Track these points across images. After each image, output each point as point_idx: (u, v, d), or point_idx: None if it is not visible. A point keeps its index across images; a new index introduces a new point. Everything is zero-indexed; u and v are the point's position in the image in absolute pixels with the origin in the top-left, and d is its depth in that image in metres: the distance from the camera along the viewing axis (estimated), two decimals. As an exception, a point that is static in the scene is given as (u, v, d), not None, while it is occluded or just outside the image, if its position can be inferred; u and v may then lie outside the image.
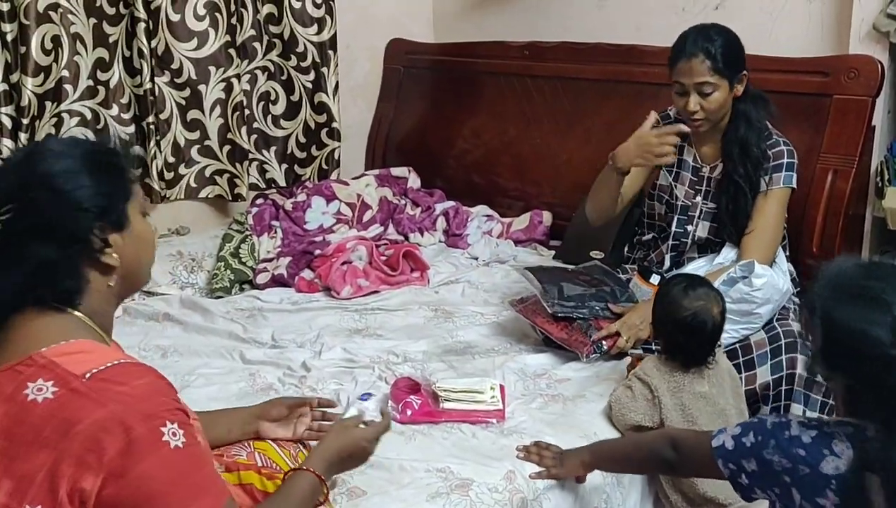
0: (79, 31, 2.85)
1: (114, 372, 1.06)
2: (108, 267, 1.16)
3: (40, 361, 1.06)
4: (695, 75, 2.13)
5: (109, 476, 1.00)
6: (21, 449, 1.02)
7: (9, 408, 1.04)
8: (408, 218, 3.26)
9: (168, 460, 1.03)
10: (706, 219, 2.31)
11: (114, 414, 1.01)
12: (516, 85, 3.34)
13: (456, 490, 1.62)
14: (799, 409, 2.03)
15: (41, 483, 1.00)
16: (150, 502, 1.02)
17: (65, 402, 1.02)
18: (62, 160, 1.14)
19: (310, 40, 3.34)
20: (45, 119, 2.80)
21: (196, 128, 3.12)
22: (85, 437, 1.00)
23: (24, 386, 1.04)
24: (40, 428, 1.01)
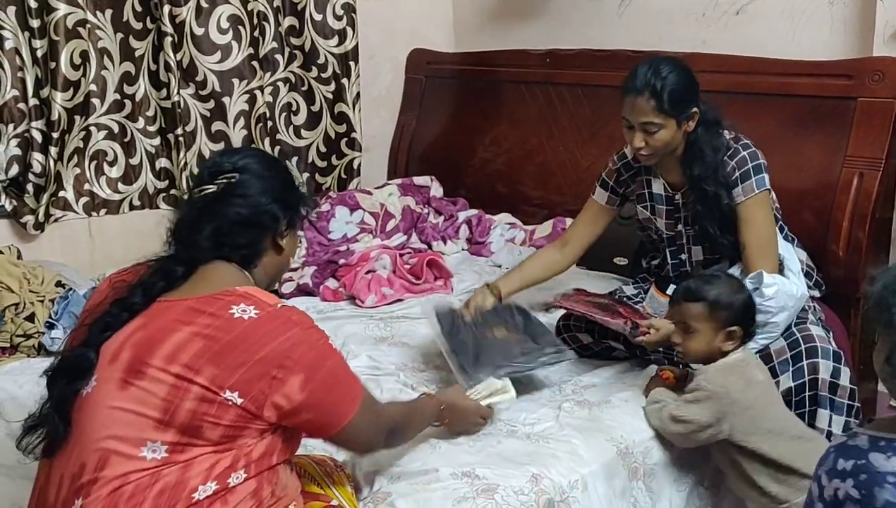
0: (106, 46, 2.90)
1: (290, 307, 1.38)
2: (279, 248, 1.50)
3: (238, 292, 1.35)
4: (639, 114, 2.07)
5: (308, 374, 1.31)
6: (226, 349, 1.28)
7: (213, 321, 1.30)
8: (431, 226, 3.28)
9: (340, 361, 1.41)
10: (696, 243, 2.28)
11: (299, 335, 1.33)
12: (538, 93, 3.35)
13: (482, 495, 1.62)
14: (825, 414, 2.00)
15: (243, 375, 1.27)
16: (333, 390, 1.37)
17: (266, 320, 1.31)
18: (269, 163, 1.52)
19: (331, 52, 3.38)
20: (73, 132, 2.85)
21: (220, 139, 3.16)
22: (284, 347, 1.30)
23: (229, 307, 1.32)
24: (247, 336, 1.29)
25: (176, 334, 1.29)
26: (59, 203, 2.91)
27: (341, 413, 1.39)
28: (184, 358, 1.27)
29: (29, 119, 2.74)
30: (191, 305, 1.33)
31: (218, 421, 1.27)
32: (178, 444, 1.26)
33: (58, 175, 2.85)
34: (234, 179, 1.43)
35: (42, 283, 2.51)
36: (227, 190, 1.43)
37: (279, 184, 1.49)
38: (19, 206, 2.80)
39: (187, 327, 1.30)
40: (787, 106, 2.56)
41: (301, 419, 1.35)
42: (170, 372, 1.27)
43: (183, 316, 1.32)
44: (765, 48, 2.66)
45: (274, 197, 1.46)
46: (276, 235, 1.48)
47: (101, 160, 2.99)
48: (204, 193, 1.44)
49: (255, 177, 1.45)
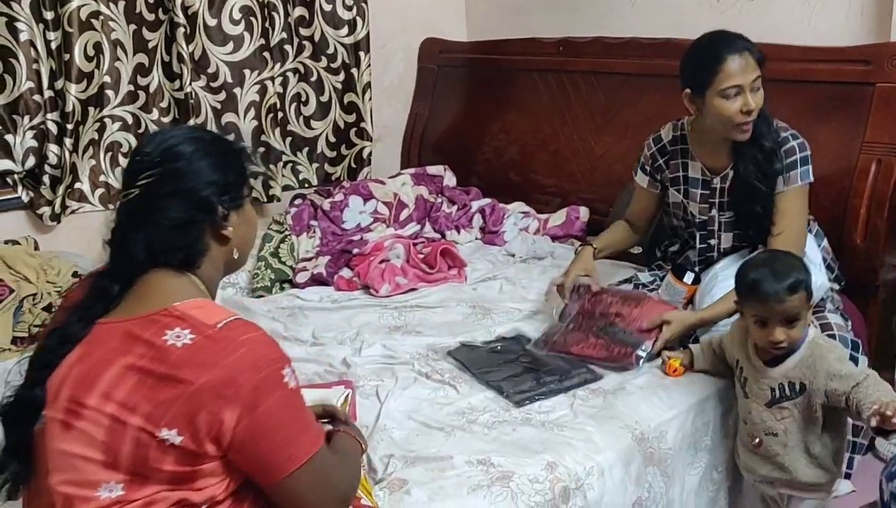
0: (119, 38, 2.91)
1: (238, 323, 1.22)
2: (224, 239, 1.35)
3: (175, 313, 1.22)
4: (750, 71, 2.04)
5: (244, 409, 1.16)
6: (160, 383, 1.16)
7: (147, 350, 1.19)
8: (444, 215, 3.27)
9: (287, 397, 1.21)
10: (727, 230, 2.27)
11: (245, 358, 1.18)
12: (551, 81, 3.33)
13: (497, 482, 1.62)
14: (842, 403, 1.99)
15: (179, 410, 1.15)
16: (272, 433, 1.19)
17: (203, 346, 1.18)
18: (194, 143, 1.34)
19: (340, 42, 3.37)
20: (88, 124, 2.86)
21: (231, 131, 3.17)
22: (223, 376, 1.16)
23: (163, 333, 1.19)
24: (180, 367, 1.16)
25: (111, 368, 1.19)
26: (76, 194, 2.92)
27: (278, 463, 1.20)
28: (119, 395, 1.17)
29: (44, 111, 2.76)
30: (128, 329, 1.22)
31: (160, 465, 1.17)
32: (132, 482, 1.18)
33: (73, 166, 2.87)
34: (155, 177, 1.29)
35: (59, 274, 2.53)
36: (152, 189, 1.29)
37: (212, 164, 1.32)
38: (36, 198, 2.82)
39: (123, 358, 1.19)
40: (804, 92, 2.53)
41: (234, 460, 1.20)
42: (105, 412, 1.17)
43: (120, 344, 1.21)
44: (780, 34, 2.64)
45: (206, 182, 1.31)
46: (215, 227, 1.33)
47: (115, 151, 3.00)
48: (128, 198, 1.31)
49: (181, 166, 1.30)
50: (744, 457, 1.93)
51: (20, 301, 2.41)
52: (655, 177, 2.39)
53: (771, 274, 1.74)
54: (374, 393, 2.02)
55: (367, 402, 1.98)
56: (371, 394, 2.02)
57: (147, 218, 1.28)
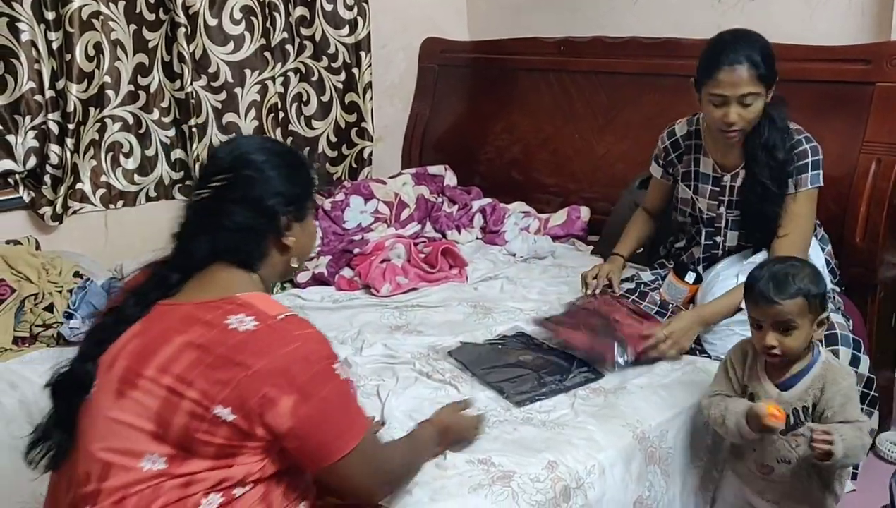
0: (119, 38, 2.91)
1: (295, 318, 1.30)
2: (284, 247, 1.41)
3: (239, 301, 1.29)
4: (739, 86, 2.02)
5: (300, 398, 1.23)
6: (218, 362, 1.22)
7: (207, 331, 1.25)
8: (445, 215, 3.28)
9: (340, 388, 1.29)
10: (733, 228, 2.28)
11: (299, 351, 1.25)
12: (552, 80, 3.34)
13: (498, 482, 1.62)
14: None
15: (233, 391, 1.21)
16: (327, 420, 1.26)
17: (264, 334, 1.24)
18: (266, 153, 1.40)
19: (341, 41, 3.38)
20: (89, 124, 2.87)
21: (232, 130, 3.17)
22: (279, 365, 1.22)
23: (226, 317, 1.26)
24: (240, 350, 1.23)
25: (169, 344, 1.25)
26: (77, 195, 2.92)
27: (332, 448, 1.28)
28: (176, 370, 1.23)
29: (45, 111, 2.76)
30: (189, 311, 1.29)
31: (210, 438, 1.22)
32: (176, 457, 1.23)
33: (74, 166, 2.87)
34: (226, 182, 1.36)
35: (60, 274, 2.53)
36: (221, 193, 1.36)
37: (280, 176, 1.39)
38: (37, 198, 2.82)
39: (181, 336, 1.25)
40: (804, 91, 2.54)
41: (288, 446, 1.26)
42: (162, 384, 1.23)
43: (179, 323, 1.27)
44: (781, 33, 2.63)
45: (274, 192, 1.37)
46: (277, 236, 1.40)
47: (116, 151, 3.00)
48: (198, 198, 1.38)
49: (251, 174, 1.37)
50: (748, 483, 1.84)
51: (21, 301, 2.42)
52: (668, 170, 2.42)
53: (770, 277, 1.69)
54: (376, 392, 2.02)
55: (369, 402, 1.98)
56: (372, 394, 2.02)
57: (213, 219, 1.35)
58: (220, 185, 1.36)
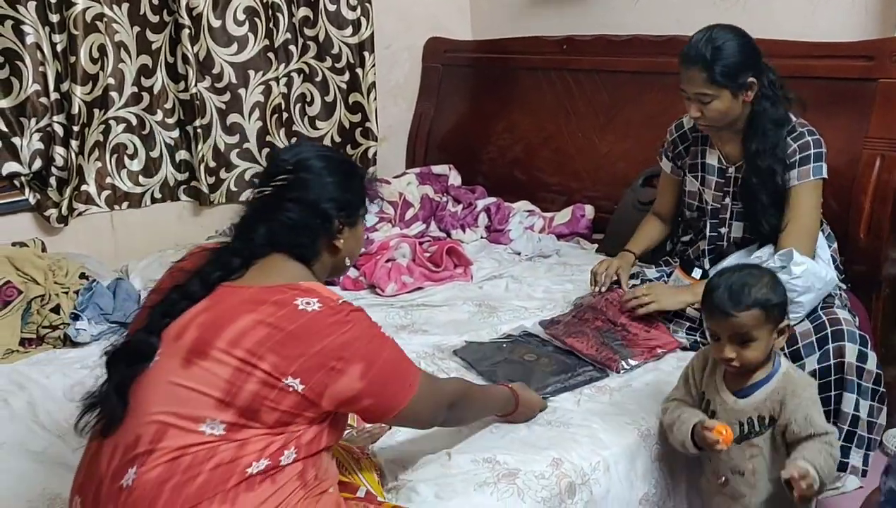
0: (123, 40, 2.92)
1: (349, 304, 1.41)
2: (334, 249, 1.52)
3: (303, 287, 1.39)
4: (692, 85, 2.12)
5: (367, 362, 1.36)
6: (289, 339, 1.32)
7: (277, 309, 1.34)
8: (450, 215, 3.28)
9: (394, 348, 1.45)
10: (738, 219, 2.30)
11: (357, 327, 1.37)
12: (555, 79, 3.34)
13: (503, 480, 1.63)
14: (851, 398, 1.99)
15: (303, 365, 1.31)
16: (393, 375, 1.42)
17: (328, 313, 1.36)
18: (325, 160, 1.51)
19: (345, 42, 3.38)
20: (93, 126, 2.88)
21: (236, 131, 3.18)
22: (342, 341, 1.34)
23: (294, 299, 1.36)
24: (308, 327, 1.33)
25: (240, 320, 1.33)
26: (82, 197, 2.93)
27: (401, 397, 1.44)
28: (247, 344, 1.31)
29: (51, 113, 2.77)
30: (255, 293, 1.37)
31: (277, 405, 1.31)
32: (236, 425, 1.30)
33: (80, 168, 2.88)
34: (286, 182, 1.46)
35: (66, 275, 2.54)
36: (281, 192, 1.47)
37: (336, 183, 1.49)
38: (43, 200, 2.83)
39: (251, 314, 1.34)
40: (807, 88, 2.53)
41: (362, 405, 1.40)
42: (234, 355, 1.31)
43: (247, 303, 1.36)
44: (782, 30, 2.64)
45: (328, 197, 1.48)
46: (329, 237, 1.50)
47: (121, 153, 3.01)
48: (261, 194, 1.49)
49: (310, 177, 1.47)
50: (707, 499, 1.81)
51: (28, 302, 2.43)
52: (677, 163, 2.43)
53: (726, 288, 1.63)
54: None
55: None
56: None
57: (272, 214, 1.46)
58: (280, 184, 1.47)
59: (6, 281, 2.43)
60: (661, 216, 2.55)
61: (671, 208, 2.52)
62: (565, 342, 2.19)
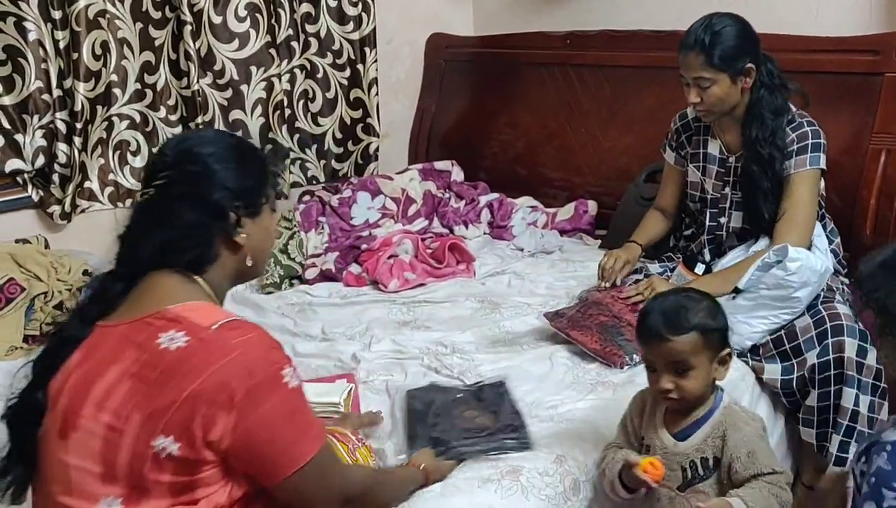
0: (126, 36, 2.92)
1: (234, 324, 1.20)
2: (236, 246, 1.32)
3: (169, 315, 1.19)
4: (690, 69, 2.14)
5: (240, 414, 1.13)
6: (153, 389, 1.14)
7: (140, 354, 1.17)
8: (452, 211, 3.28)
9: (287, 399, 1.18)
10: (737, 209, 2.30)
11: (239, 361, 1.15)
12: (558, 75, 3.33)
13: (507, 476, 1.62)
14: (851, 393, 1.98)
15: (173, 417, 1.13)
16: (271, 435, 1.16)
17: (196, 349, 1.15)
18: (214, 145, 1.32)
19: (346, 38, 3.38)
20: (96, 123, 2.88)
21: (238, 128, 3.18)
22: (216, 380, 1.13)
23: (157, 336, 1.17)
24: (173, 372, 1.14)
25: (107, 374, 1.17)
26: (85, 193, 2.93)
27: (279, 464, 1.18)
28: (113, 404, 1.15)
29: (53, 110, 2.77)
30: (122, 333, 1.20)
31: (158, 476, 1.14)
32: (131, 496, 1.15)
33: (83, 165, 2.88)
34: (168, 179, 1.28)
35: (69, 272, 2.55)
36: (164, 191, 1.28)
37: (228, 169, 1.30)
38: (46, 197, 2.83)
39: (115, 366, 1.17)
40: (812, 83, 2.52)
41: (234, 465, 1.18)
42: (100, 422, 1.15)
43: (113, 349, 1.19)
44: (787, 24, 2.63)
45: (220, 187, 1.28)
46: (227, 234, 1.30)
47: (124, 150, 3.01)
48: (143, 198, 1.31)
49: (195, 169, 1.28)
50: None
51: (31, 299, 2.43)
52: (680, 152, 2.43)
53: (661, 312, 1.51)
54: (384, 388, 2.03)
55: (377, 397, 1.99)
56: (381, 389, 2.03)
57: (158, 220, 1.27)
58: (163, 183, 1.28)
59: (9, 278, 2.43)
60: (664, 210, 2.54)
61: (674, 201, 2.52)
62: (570, 334, 2.19)
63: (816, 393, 2.01)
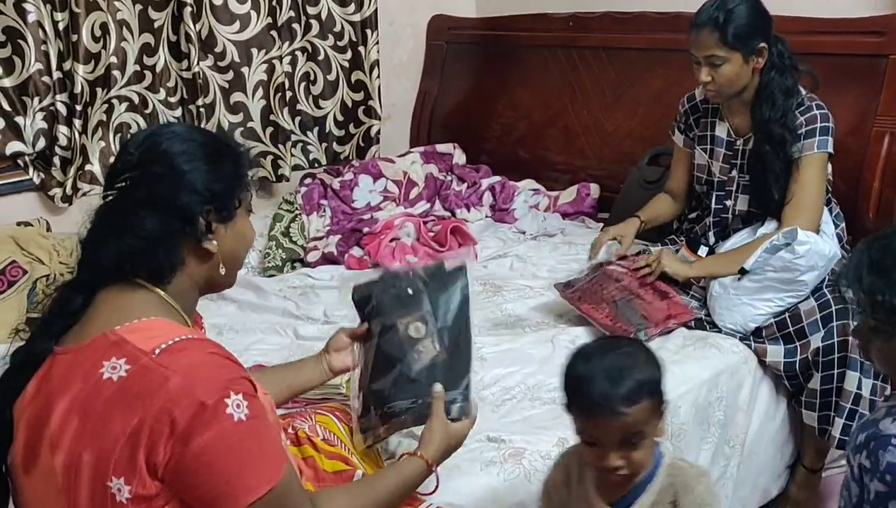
0: (125, 18, 2.90)
1: (181, 346, 1.09)
2: (205, 254, 1.20)
3: (112, 338, 1.09)
4: (703, 47, 2.11)
5: (177, 444, 1.03)
6: (98, 425, 1.06)
7: (84, 386, 1.08)
8: (454, 194, 3.27)
9: (228, 433, 1.05)
10: (744, 192, 2.29)
11: (181, 386, 1.04)
12: (561, 57, 3.31)
13: (509, 459, 1.63)
14: (855, 376, 1.99)
15: (120, 455, 1.04)
16: (209, 470, 1.05)
17: (136, 378, 1.06)
18: (184, 143, 1.19)
19: (347, 19, 3.35)
20: (96, 105, 2.86)
21: (239, 110, 3.16)
22: (157, 409, 1.03)
23: (100, 365, 1.08)
24: (115, 404, 1.05)
25: (56, 410, 1.09)
26: (86, 176, 2.92)
27: (222, 501, 1.05)
28: (65, 443, 1.07)
29: (53, 92, 2.75)
30: (70, 361, 1.11)
31: None
32: None
33: (83, 148, 2.87)
34: (132, 181, 1.17)
35: (71, 255, 2.54)
36: (127, 193, 1.17)
37: (198, 170, 1.17)
38: (47, 179, 2.82)
39: (62, 401, 1.08)
40: (816, 64, 2.48)
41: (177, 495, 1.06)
42: (57, 461, 1.08)
43: (62, 381, 1.10)
44: (791, 6, 2.61)
45: (188, 190, 1.16)
46: (195, 241, 1.18)
47: (124, 133, 2.99)
48: (105, 200, 1.20)
49: (161, 171, 1.16)
50: None
51: (34, 282, 2.43)
52: (688, 134, 2.42)
53: (604, 378, 1.24)
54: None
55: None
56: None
57: (119, 226, 1.16)
58: (126, 185, 1.17)
59: (11, 260, 2.43)
60: (673, 193, 2.53)
61: (684, 184, 2.50)
62: (580, 308, 2.19)
63: (819, 376, 2.01)
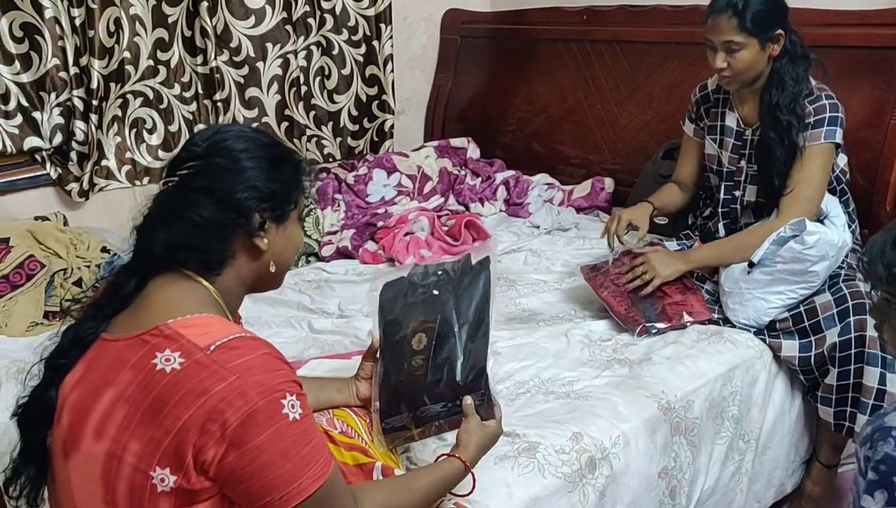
0: (138, 13, 2.91)
1: (235, 344, 1.10)
2: (256, 251, 1.23)
3: (166, 332, 1.11)
4: (721, 33, 2.10)
5: (230, 446, 1.05)
6: (148, 416, 1.08)
7: (135, 376, 1.10)
8: (468, 188, 3.27)
9: (284, 432, 1.07)
10: (752, 182, 2.28)
11: (235, 386, 1.06)
12: (575, 50, 3.30)
13: (524, 454, 1.63)
14: (876, 372, 1.96)
15: (167, 448, 1.06)
16: (263, 471, 1.07)
17: (190, 373, 1.07)
18: (249, 142, 1.23)
19: (362, 14, 3.36)
20: (111, 100, 2.88)
21: (254, 105, 3.17)
22: (209, 408, 1.05)
23: (153, 356, 1.09)
24: (167, 398, 1.07)
25: (103, 397, 1.11)
26: (103, 172, 2.94)
27: (275, 501, 1.08)
28: (111, 431, 1.10)
29: (70, 87, 2.77)
30: (119, 351, 1.13)
31: (157, 506, 1.08)
32: None
33: (99, 143, 2.89)
34: (194, 170, 1.20)
35: (88, 249, 2.56)
36: (188, 182, 1.20)
37: (258, 169, 1.21)
38: (64, 174, 2.85)
39: (111, 390, 1.11)
40: (833, 57, 2.48)
41: (229, 494, 1.10)
42: (100, 448, 1.10)
43: (111, 369, 1.13)
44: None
45: (247, 186, 1.20)
46: (248, 235, 1.21)
47: (140, 128, 3.01)
48: (165, 187, 1.23)
49: (224, 163, 1.20)
50: None
51: (52, 276, 2.45)
52: (699, 124, 2.42)
53: None
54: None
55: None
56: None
57: (176, 211, 1.18)
58: (188, 173, 1.20)
59: (29, 254, 2.45)
60: (681, 183, 2.51)
61: (691, 175, 2.49)
62: (601, 295, 2.21)
63: (836, 372, 2.00)
